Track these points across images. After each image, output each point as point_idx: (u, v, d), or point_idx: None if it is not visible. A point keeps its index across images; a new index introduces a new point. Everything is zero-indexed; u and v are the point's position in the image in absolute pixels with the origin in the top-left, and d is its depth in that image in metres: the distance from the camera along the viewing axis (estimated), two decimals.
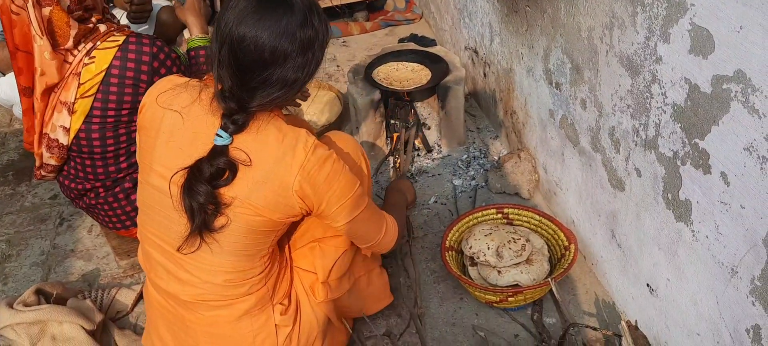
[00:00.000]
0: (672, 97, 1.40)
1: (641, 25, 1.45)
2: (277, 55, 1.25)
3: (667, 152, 1.47)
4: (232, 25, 1.24)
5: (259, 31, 1.23)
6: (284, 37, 1.24)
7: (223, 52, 1.25)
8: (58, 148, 1.80)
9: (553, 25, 1.90)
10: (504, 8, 2.27)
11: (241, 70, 1.25)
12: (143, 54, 1.75)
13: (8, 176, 2.54)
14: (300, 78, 1.30)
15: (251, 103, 1.27)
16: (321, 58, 1.33)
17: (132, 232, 2.02)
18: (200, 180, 1.27)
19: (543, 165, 2.20)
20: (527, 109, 2.24)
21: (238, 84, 1.26)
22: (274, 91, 1.28)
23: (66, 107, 1.75)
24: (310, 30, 1.27)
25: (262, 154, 1.29)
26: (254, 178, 1.29)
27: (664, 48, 1.38)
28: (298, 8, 1.26)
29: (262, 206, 1.32)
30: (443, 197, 2.32)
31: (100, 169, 1.86)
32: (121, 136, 1.82)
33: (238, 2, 1.26)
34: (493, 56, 2.49)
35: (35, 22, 1.65)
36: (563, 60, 1.88)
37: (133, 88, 1.76)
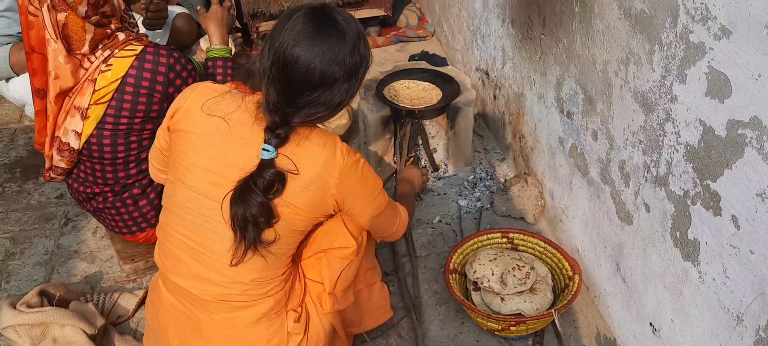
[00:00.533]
0: (685, 137, 1.41)
1: (658, 63, 1.45)
2: (327, 79, 1.33)
3: (677, 191, 1.47)
4: (287, 45, 1.31)
5: (312, 55, 1.30)
6: (335, 63, 1.32)
7: (274, 69, 1.32)
8: (68, 151, 1.80)
9: (567, 55, 1.91)
10: (518, 34, 2.28)
11: (290, 88, 1.32)
12: (160, 65, 1.75)
13: (16, 172, 2.54)
14: (344, 101, 1.38)
15: (294, 119, 1.35)
16: (363, 81, 1.42)
17: (137, 237, 2.02)
18: (254, 191, 1.34)
19: (550, 191, 2.20)
20: (536, 135, 2.24)
21: (285, 100, 1.33)
22: (319, 112, 1.35)
23: (79, 112, 1.75)
24: (357, 57, 1.36)
25: (308, 162, 1.37)
26: (301, 183, 1.37)
27: (680, 88, 1.39)
28: (349, 37, 1.34)
29: (304, 207, 1.39)
30: (448, 217, 2.33)
31: (109, 174, 1.86)
32: (132, 143, 1.82)
33: (294, 24, 1.32)
34: (504, 80, 2.50)
35: (49, 25, 1.66)
36: (576, 90, 1.88)
37: (147, 97, 1.77)
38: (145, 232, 2.00)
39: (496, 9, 2.47)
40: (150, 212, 1.95)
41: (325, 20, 1.32)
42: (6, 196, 2.43)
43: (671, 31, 1.39)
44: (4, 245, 2.21)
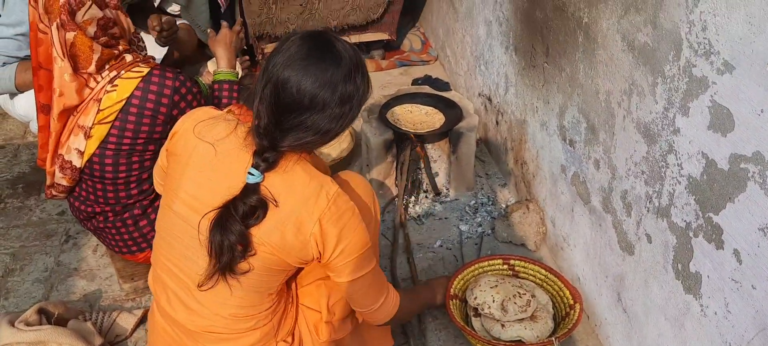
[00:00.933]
0: (688, 169, 1.41)
1: (661, 95, 1.46)
2: (316, 103, 1.29)
3: (679, 222, 1.47)
4: (279, 66, 1.29)
5: (303, 77, 1.28)
6: (326, 87, 1.29)
7: (266, 90, 1.29)
8: (70, 169, 1.81)
9: (570, 84, 1.92)
10: (522, 61, 2.30)
11: (279, 109, 1.29)
12: (165, 87, 1.77)
13: (18, 188, 2.55)
14: (333, 129, 1.33)
15: (282, 143, 1.30)
16: (357, 114, 1.37)
17: (137, 257, 2.02)
18: (234, 218, 1.30)
19: (551, 218, 2.20)
20: (538, 162, 2.25)
21: (274, 122, 1.29)
22: (307, 136, 1.31)
23: (83, 131, 1.76)
24: (351, 86, 1.31)
25: (288, 195, 1.32)
26: (277, 218, 1.32)
27: (683, 121, 1.39)
28: (345, 63, 1.31)
29: (278, 246, 1.33)
30: (449, 242, 2.32)
31: (110, 194, 1.87)
32: (133, 163, 1.83)
33: (289, 46, 1.31)
34: (506, 106, 2.51)
35: (58, 43, 1.68)
36: (579, 119, 1.89)
37: (150, 119, 1.78)
38: (145, 252, 2.00)
39: (499, 36, 2.49)
40: (150, 233, 1.95)
41: (321, 44, 1.31)
42: (7, 212, 2.43)
43: (674, 64, 1.40)
44: (4, 261, 2.21)
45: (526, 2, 2.19)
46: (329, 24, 3.14)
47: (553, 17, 1.98)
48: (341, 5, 3.09)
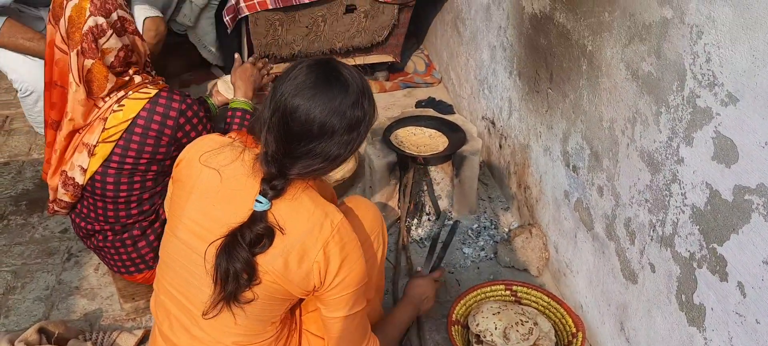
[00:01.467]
0: (692, 199, 1.41)
1: (665, 125, 1.46)
2: (325, 130, 1.29)
3: (683, 252, 1.46)
4: (287, 95, 1.29)
5: (312, 105, 1.28)
6: (335, 115, 1.29)
7: (274, 118, 1.29)
8: (73, 186, 1.82)
9: (574, 111, 1.92)
10: (525, 87, 2.31)
11: (288, 138, 1.29)
12: (171, 109, 1.78)
13: (21, 205, 2.55)
14: (342, 154, 1.34)
15: (291, 171, 1.30)
16: (364, 138, 1.37)
17: (135, 277, 2.01)
18: (241, 246, 1.29)
19: (554, 244, 2.19)
20: (541, 187, 2.25)
21: (283, 151, 1.29)
22: (315, 164, 1.31)
23: (87, 149, 1.77)
24: (359, 111, 1.32)
25: (293, 223, 1.32)
26: (282, 245, 1.31)
27: (687, 151, 1.39)
28: (352, 89, 1.31)
29: (282, 274, 1.32)
30: (451, 266, 2.31)
31: (110, 212, 1.87)
32: (135, 183, 1.83)
33: (297, 75, 1.31)
34: (510, 130, 2.52)
35: (75, 69, 1.69)
36: (582, 145, 1.89)
37: (154, 140, 1.78)
38: (143, 273, 1.99)
39: (503, 61, 2.50)
40: (148, 254, 1.95)
41: (328, 72, 1.31)
42: (10, 229, 2.43)
43: (678, 94, 1.41)
44: (6, 278, 2.21)
45: (530, 29, 2.20)
46: (334, 46, 3.15)
47: (557, 44, 1.99)
48: (346, 28, 3.11)
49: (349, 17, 3.08)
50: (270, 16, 2.94)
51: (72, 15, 1.68)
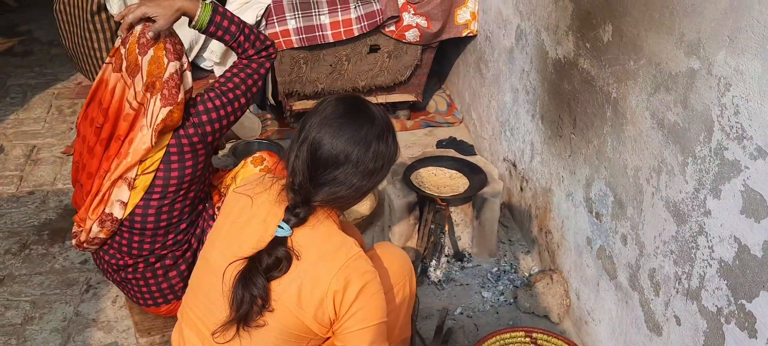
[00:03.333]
0: (719, 252, 1.37)
1: (691, 176, 1.44)
2: (350, 158, 1.35)
3: (710, 307, 1.42)
4: (315, 126, 1.36)
5: (338, 134, 1.34)
6: (361, 144, 1.35)
7: (302, 148, 1.35)
8: (110, 222, 1.81)
9: (597, 157, 1.90)
10: (548, 130, 2.29)
11: (315, 165, 1.34)
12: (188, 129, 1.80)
13: (43, 235, 2.58)
14: (365, 186, 1.38)
15: (316, 198, 1.35)
16: (386, 174, 1.43)
17: (160, 309, 2.00)
18: (258, 272, 1.32)
19: (576, 291, 2.15)
20: (563, 232, 2.22)
21: (309, 177, 1.34)
22: (340, 191, 1.36)
23: (126, 183, 1.77)
24: (383, 145, 1.38)
25: (310, 249, 1.34)
26: (297, 271, 1.33)
27: (714, 203, 1.37)
28: (378, 123, 1.38)
29: (295, 301, 1.33)
30: (470, 309, 2.28)
31: (147, 244, 1.86)
32: (174, 211, 1.84)
33: (325, 107, 1.39)
34: (532, 173, 2.50)
35: (151, 114, 1.72)
36: (606, 192, 1.87)
37: (192, 153, 1.80)
38: (170, 304, 1.98)
39: (526, 104, 2.49)
40: (178, 284, 1.94)
41: (355, 105, 1.38)
42: (31, 258, 2.45)
43: (705, 145, 1.39)
44: (25, 308, 2.22)
45: (554, 73, 2.20)
46: (357, 84, 3.18)
47: (581, 90, 1.98)
48: (370, 67, 3.13)
49: (373, 57, 3.11)
50: (295, 54, 2.99)
51: (151, 69, 1.71)
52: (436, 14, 2.98)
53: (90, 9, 3.14)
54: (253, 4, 3.04)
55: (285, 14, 2.88)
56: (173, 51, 1.75)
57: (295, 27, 2.89)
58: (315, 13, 2.91)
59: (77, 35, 3.24)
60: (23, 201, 2.77)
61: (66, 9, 3.24)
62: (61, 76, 3.85)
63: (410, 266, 1.64)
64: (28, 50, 4.22)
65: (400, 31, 3.04)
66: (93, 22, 3.18)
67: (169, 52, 1.74)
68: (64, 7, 3.24)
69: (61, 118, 3.42)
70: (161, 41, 1.74)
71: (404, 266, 1.62)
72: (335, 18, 2.92)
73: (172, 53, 1.74)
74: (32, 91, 3.69)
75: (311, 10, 2.91)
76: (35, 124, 3.37)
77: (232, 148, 2.99)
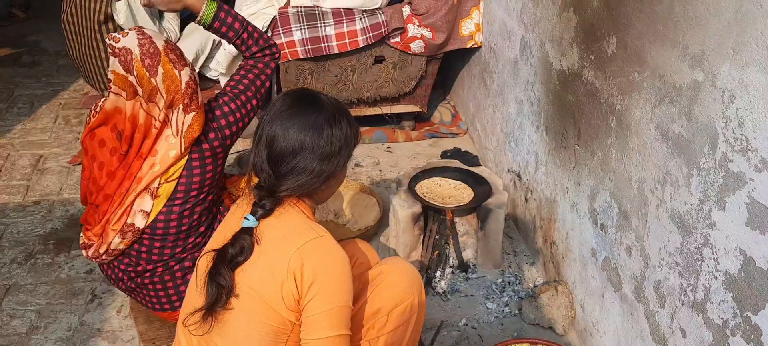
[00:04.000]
0: (724, 264, 1.37)
1: (696, 187, 1.44)
2: (305, 146, 1.40)
3: (716, 319, 1.42)
4: (268, 122, 1.43)
5: (289, 124, 1.41)
6: (312, 130, 1.41)
7: (260, 144, 1.43)
8: (132, 232, 1.81)
9: (602, 169, 1.90)
10: (552, 142, 2.30)
11: (273, 158, 1.41)
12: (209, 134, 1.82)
13: (49, 244, 2.59)
14: (326, 169, 1.43)
15: (281, 188, 1.41)
16: (347, 156, 1.48)
17: (176, 314, 1.99)
18: (224, 263, 1.38)
19: (581, 302, 2.15)
20: (568, 243, 2.21)
21: (270, 172, 1.41)
22: (302, 178, 1.41)
23: (149, 192, 1.78)
24: (337, 129, 1.44)
25: (272, 233, 1.39)
26: (259, 253, 1.38)
27: (719, 215, 1.36)
28: (327, 108, 1.44)
29: (258, 284, 1.36)
30: (474, 321, 2.27)
31: (168, 249, 1.87)
32: (195, 214, 1.86)
33: (275, 103, 1.46)
34: (536, 184, 2.50)
35: (175, 124, 1.75)
36: (610, 204, 1.86)
37: (213, 161, 1.83)
38: None
39: (530, 115, 2.50)
40: None
41: (303, 97, 1.46)
42: (37, 268, 2.46)
43: (710, 157, 1.39)
44: (30, 318, 2.23)
45: (558, 85, 2.20)
46: (362, 95, 3.20)
47: (586, 102, 1.99)
48: (375, 78, 3.15)
49: (378, 68, 3.12)
50: (300, 65, 3.00)
51: (167, 85, 1.73)
52: (441, 26, 2.99)
53: (97, 19, 3.17)
54: (259, 15, 3.06)
55: (291, 25, 2.90)
56: (177, 59, 1.76)
57: (301, 38, 2.91)
58: (321, 25, 2.92)
59: (84, 45, 3.26)
60: (29, 210, 2.79)
61: (73, 19, 3.27)
62: (68, 86, 3.88)
63: (420, 281, 1.64)
64: (35, 60, 4.25)
65: (405, 43, 3.05)
66: (100, 32, 3.20)
67: (175, 61, 1.75)
68: (72, 17, 3.27)
69: (67, 128, 3.44)
70: (162, 52, 1.74)
71: (414, 282, 1.62)
72: (341, 29, 2.94)
73: (177, 62, 1.75)
74: (39, 101, 3.72)
75: (317, 21, 2.92)
76: (42, 134, 3.40)
77: (237, 158, 3.00)
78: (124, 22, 3.18)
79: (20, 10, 4.80)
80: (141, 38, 1.73)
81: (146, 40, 1.73)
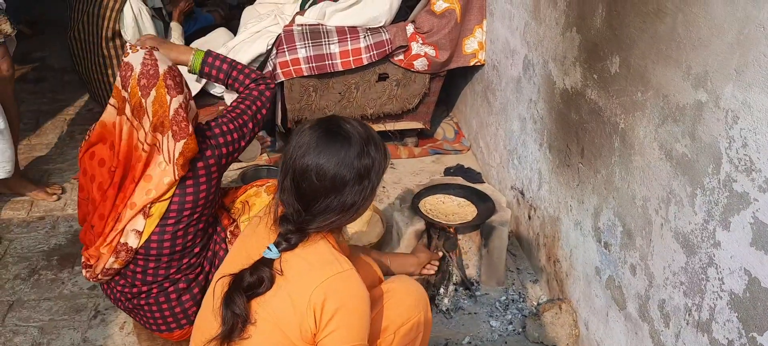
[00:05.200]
0: (730, 284, 1.37)
1: (700, 207, 1.44)
2: (337, 184, 1.36)
3: (721, 339, 1.41)
4: (296, 156, 1.37)
5: (319, 162, 1.35)
6: (343, 166, 1.36)
7: (287, 181, 1.38)
8: (125, 252, 1.82)
9: (606, 187, 1.91)
10: (556, 159, 2.30)
11: (304, 197, 1.37)
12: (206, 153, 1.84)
13: (53, 260, 2.59)
14: (357, 202, 1.40)
15: (310, 226, 1.37)
16: (377, 184, 1.44)
17: (173, 335, 2.00)
18: (239, 290, 1.35)
19: (585, 321, 2.14)
20: (572, 261, 2.21)
21: (301, 209, 1.37)
22: (333, 216, 1.38)
23: (142, 212, 1.79)
24: (367, 159, 1.39)
25: (296, 265, 1.36)
26: (280, 284, 1.36)
27: (724, 235, 1.37)
28: (355, 140, 1.38)
29: (277, 314, 1.34)
30: (478, 339, 2.26)
31: (162, 269, 1.88)
32: (188, 235, 1.87)
33: (302, 137, 1.39)
34: (539, 202, 2.50)
35: (166, 152, 1.75)
36: (614, 222, 1.87)
37: (207, 182, 1.84)
38: (183, 329, 1.99)
39: (533, 133, 2.51)
40: (191, 308, 1.95)
41: (329, 128, 1.39)
42: (40, 284, 2.46)
43: (714, 177, 1.39)
44: (33, 334, 2.22)
45: (561, 103, 2.21)
46: (365, 112, 3.21)
47: (589, 120, 1.99)
48: (378, 95, 3.16)
49: (382, 85, 3.14)
50: (304, 82, 3.02)
51: (156, 109, 1.74)
52: (445, 44, 3.01)
53: (105, 35, 3.20)
54: (263, 33, 3.08)
55: (295, 43, 2.92)
56: (174, 86, 1.76)
57: (306, 56, 2.93)
58: (325, 43, 2.94)
59: (91, 61, 3.29)
60: (33, 226, 2.79)
61: (80, 36, 3.30)
62: (73, 102, 3.90)
63: (426, 299, 1.65)
64: (41, 77, 4.28)
65: (409, 60, 3.07)
66: (107, 48, 3.23)
67: (170, 88, 1.75)
68: (79, 34, 3.30)
69: (72, 143, 3.45)
70: (161, 77, 1.75)
71: (420, 300, 1.63)
72: (345, 47, 2.96)
73: (173, 89, 1.76)
74: (44, 117, 3.74)
75: (321, 39, 2.94)
76: (47, 149, 3.41)
77: (241, 174, 3.01)
78: (132, 37, 3.21)
79: (27, 27, 4.84)
80: (146, 59, 1.75)
81: (151, 61, 1.75)
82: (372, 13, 2.96)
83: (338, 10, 2.99)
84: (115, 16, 3.15)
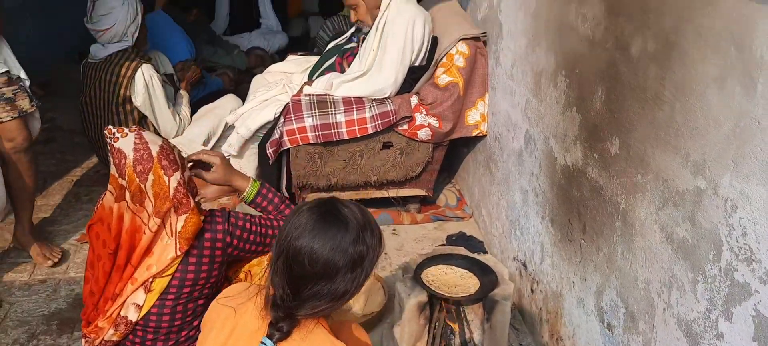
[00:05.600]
0: None
1: (702, 294, 1.44)
2: (329, 270, 1.34)
3: None
4: (291, 238, 1.36)
5: (314, 246, 1.34)
6: (337, 253, 1.35)
7: (279, 261, 1.36)
8: (125, 325, 1.83)
9: (608, 266, 1.91)
10: (558, 234, 2.31)
11: (294, 280, 1.35)
12: (217, 232, 1.85)
13: (52, 325, 2.58)
14: (349, 290, 1.38)
15: (299, 312, 1.35)
16: (371, 271, 1.42)
17: None
18: None
19: None
20: (575, 340, 2.19)
21: (290, 293, 1.34)
22: (322, 304, 1.36)
23: (143, 287, 1.80)
24: (361, 246, 1.37)
25: None
26: None
27: (726, 326, 1.36)
28: (352, 226, 1.37)
29: None
30: None
31: (160, 342, 1.88)
32: (188, 310, 1.87)
33: (299, 218, 1.38)
34: (542, 275, 2.49)
35: (168, 228, 1.77)
36: (617, 303, 1.86)
37: (209, 264, 1.85)
38: None
39: (535, 206, 2.52)
40: None
41: (327, 212, 1.38)
42: None
43: (715, 264, 1.39)
44: None
45: (563, 179, 2.23)
46: (369, 179, 3.24)
47: (590, 198, 2.01)
48: (382, 163, 3.20)
49: (386, 153, 3.18)
50: (310, 149, 3.06)
51: (156, 191, 1.76)
52: (448, 115, 3.06)
53: (116, 100, 3.27)
54: (272, 101, 3.15)
55: (303, 112, 2.98)
56: (169, 165, 1.78)
57: (312, 124, 2.98)
58: (331, 112, 3.00)
59: (100, 126, 3.35)
60: (35, 289, 2.79)
61: (92, 101, 3.37)
62: (81, 163, 3.95)
63: None
64: (50, 137, 4.34)
65: (413, 130, 3.12)
66: (118, 113, 3.29)
67: (166, 167, 1.77)
68: (90, 100, 3.37)
69: (77, 205, 3.48)
70: (156, 159, 1.76)
71: None
72: (350, 116, 3.01)
73: (169, 168, 1.78)
74: (52, 178, 3.78)
75: (328, 109, 3.01)
76: (52, 210, 3.43)
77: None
78: (142, 103, 3.28)
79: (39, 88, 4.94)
80: (137, 142, 1.76)
81: (142, 145, 1.76)
82: (377, 84, 3.03)
83: (345, 82, 3.06)
84: (127, 83, 3.22)
